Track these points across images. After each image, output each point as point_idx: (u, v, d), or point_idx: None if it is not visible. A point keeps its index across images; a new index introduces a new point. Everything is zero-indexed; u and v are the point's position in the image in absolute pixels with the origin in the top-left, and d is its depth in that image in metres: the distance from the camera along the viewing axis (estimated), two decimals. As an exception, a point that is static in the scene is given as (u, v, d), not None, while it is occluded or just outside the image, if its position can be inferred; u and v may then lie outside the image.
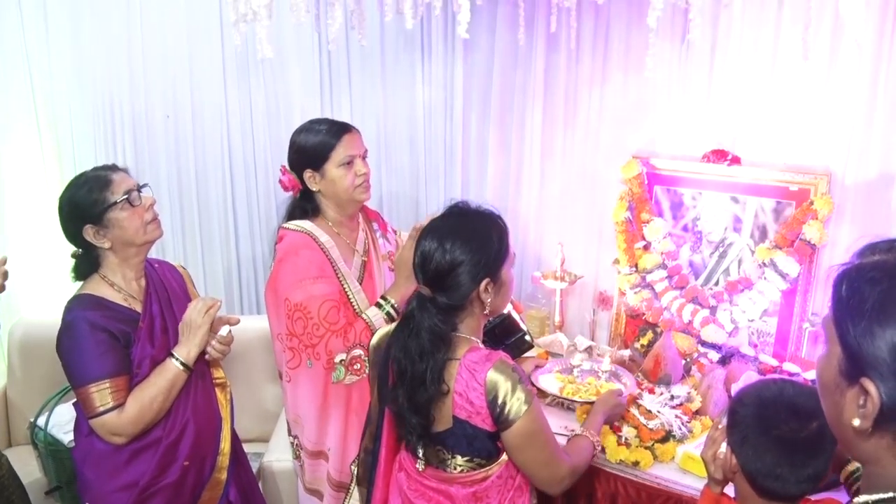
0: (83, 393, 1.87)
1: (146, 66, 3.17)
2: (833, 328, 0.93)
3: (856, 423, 0.90)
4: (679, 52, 2.59)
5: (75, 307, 1.92)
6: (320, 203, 2.22)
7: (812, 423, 1.37)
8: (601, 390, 2.33)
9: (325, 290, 2.10)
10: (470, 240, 1.63)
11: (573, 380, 2.44)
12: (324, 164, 2.15)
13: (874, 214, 2.34)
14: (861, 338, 0.88)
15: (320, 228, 2.18)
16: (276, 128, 3.27)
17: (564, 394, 2.33)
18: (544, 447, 1.68)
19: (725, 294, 2.58)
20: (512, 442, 1.65)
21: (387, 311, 2.15)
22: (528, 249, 3.10)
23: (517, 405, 1.59)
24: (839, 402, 0.93)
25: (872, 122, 2.29)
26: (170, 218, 3.32)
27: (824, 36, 2.29)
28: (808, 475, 1.38)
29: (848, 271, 0.95)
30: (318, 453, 2.24)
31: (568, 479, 1.74)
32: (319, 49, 3.16)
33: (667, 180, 2.69)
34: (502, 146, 3.09)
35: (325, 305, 2.08)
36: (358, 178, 2.18)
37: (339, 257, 2.17)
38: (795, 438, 1.38)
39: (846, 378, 0.91)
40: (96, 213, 1.90)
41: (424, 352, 1.62)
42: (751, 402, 1.45)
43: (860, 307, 0.89)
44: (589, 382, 2.41)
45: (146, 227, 1.98)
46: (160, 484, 1.97)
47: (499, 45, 2.97)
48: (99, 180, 1.93)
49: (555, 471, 1.71)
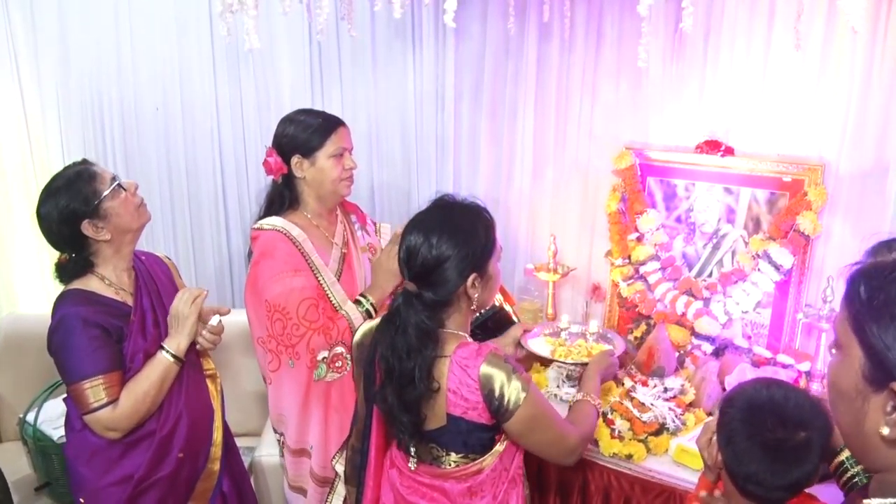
0: (76, 389, 1.86)
1: (135, 57, 3.14)
2: (850, 332, 0.88)
3: (885, 431, 0.85)
4: (672, 42, 2.57)
5: (66, 303, 1.90)
6: (301, 192, 2.21)
7: (799, 432, 1.36)
8: (592, 351, 2.34)
9: (303, 283, 2.10)
10: (456, 234, 1.61)
11: (563, 342, 2.43)
12: (316, 151, 2.15)
13: (868, 205, 2.33)
14: (892, 341, 0.83)
15: (292, 223, 2.17)
16: (266, 120, 3.24)
17: (556, 356, 2.32)
18: (550, 426, 1.69)
19: (719, 285, 2.56)
20: (517, 430, 1.65)
21: (366, 308, 2.15)
22: (521, 241, 3.08)
23: (515, 394, 1.59)
24: (861, 410, 0.88)
25: (866, 112, 2.28)
26: (160, 212, 3.30)
27: (818, 25, 2.27)
28: (789, 484, 1.38)
29: (865, 270, 0.90)
30: (301, 451, 2.23)
31: (581, 448, 1.78)
32: (310, 40, 3.13)
33: (660, 171, 2.67)
34: (494, 137, 3.07)
35: (304, 304, 2.07)
36: (345, 171, 2.20)
37: (311, 250, 2.16)
38: (780, 447, 1.37)
39: (871, 384, 0.86)
40: (92, 206, 1.89)
41: (412, 349, 1.61)
42: (740, 404, 1.44)
43: (887, 309, 0.84)
44: (579, 344, 2.41)
45: (138, 210, 1.99)
46: (155, 477, 1.96)
47: (490, 35, 2.94)
48: (83, 175, 1.92)
49: (565, 445, 1.73)
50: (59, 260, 1.98)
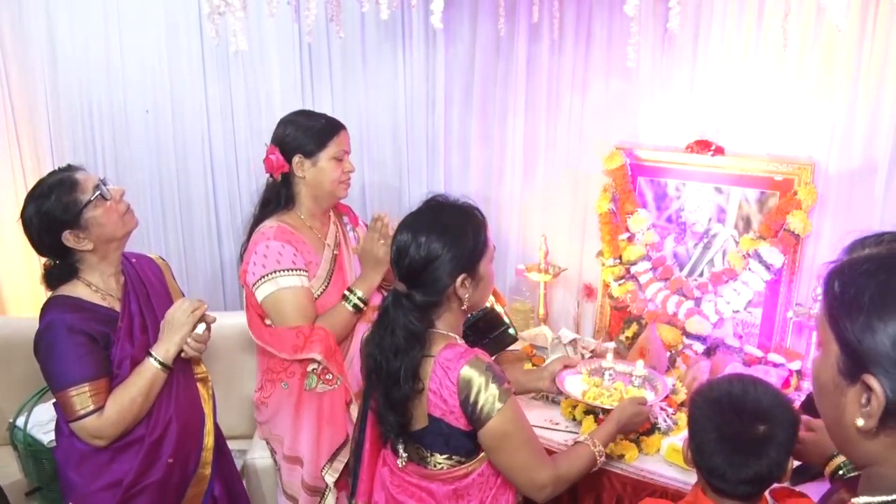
0: (63, 397, 1.84)
1: (124, 59, 3.14)
2: (827, 327, 0.90)
3: (860, 422, 0.86)
4: (661, 42, 2.58)
5: (52, 310, 1.88)
6: (298, 192, 2.21)
7: (757, 426, 1.38)
8: (625, 396, 2.10)
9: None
10: (445, 234, 1.60)
11: (599, 383, 2.19)
12: (318, 152, 2.16)
13: (858, 204, 2.34)
14: (861, 333, 0.84)
15: (286, 223, 2.17)
16: (256, 122, 3.24)
17: (587, 397, 2.11)
18: (521, 449, 1.62)
19: (710, 285, 2.57)
20: (487, 442, 1.62)
21: (353, 302, 2.14)
22: (512, 242, 3.08)
23: (490, 403, 1.56)
24: (840, 404, 0.89)
25: (855, 111, 2.29)
26: (151, 215, 3.29)
27: (806, 24, 2.28)
28: (749, 477, 1.39)
29: (839, 267, 0.91)
30: (294, 458, 2.22)
31: (550, 488, 1.65)
32: (300, 42, 3.12)
33: (650, 171, 2.67)
34: (485, 138, 3.06)
35: (299, 330, 2.10)
36: (344, 174, 2.21)
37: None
38: (737, 439, 1.39)
39: (846, 377, 0.88)
40: (72, 216, 1.85)
41: (399, 349, 1.60)
42: (701, 399, 1.48)
43: (857, 301, 0.85)
44: (616, 388, 2.16)
45: (123, 219, 1.94)
46: (145, 482, 1.94)
47: (480, 36, 2.94)
48: (64, 184, 1.87)
49: (533, 476, 1.64)
50: (45, 266, 1.95)
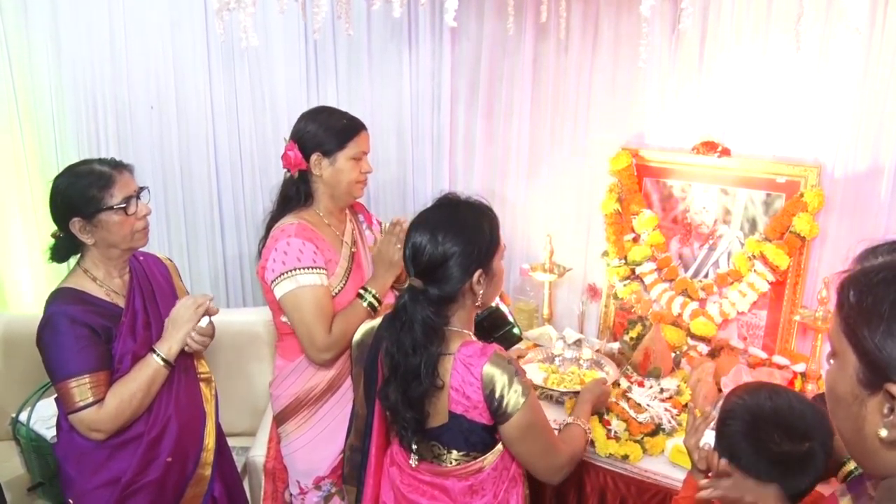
0: (63, 388, 1.84)
1: (129, 55, 3.12)
2: (843, 337, 0.89)
3: (883, 433, 0.85)
4: (669, 42, 2.57)
5: (56, 301, 1.88)
6: (316, 190, 2.19)
7: (804, 443, 1.36)
8: (585, 379, 2.37)
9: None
10: (462, 231, 1.62)
11: (556, 369, 2.47)
12: (338, 151, 2.14)
13: (864, 206, 2.34)
14: (882, 342, 0.83)
15: (306, 220, 2.16)
16: (261, 119, 3.24)
17: (549, 384, 2.36)
18: (542, 437, 1.68)
19: (715, 286, 2.57)
20: (510, 434, 1.64)
21: (369, 301, 2.13)
22: (517, 241, 3.07)
23: (515, 398, 1.59)
24: (859, 415, 0.88)
25: (862, 114, 2.28)
26: (154, 211, 3.25)
27: (816, 27, 2.27)
28: (794, 494, 1.38)
29: (853, 277, 0.90)
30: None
31: (567, 468, 1.76)
32: (306, 39, 3.12)
33: (656, 172, 2.67)
34: (490, 136, 3.06)
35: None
36: (362, 174, 2.20)
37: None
38: (787, 460, 1.36)
39: (867, 387, 0.87)
40: (88, 210, 1.86)
41: (418, 345, 1.61)
42: (742, 416, 1.42)
43: (876, 310, 0.84)
44: (572, 372, 2.44)
45: (133, 236, 1.94)
46: (143, 481, 1.94)
47: (487, 34, 2.94)
48: (102, 177, 1.87)
49: (554, 460, 1.72)
50: (53, 235, 1.94)
